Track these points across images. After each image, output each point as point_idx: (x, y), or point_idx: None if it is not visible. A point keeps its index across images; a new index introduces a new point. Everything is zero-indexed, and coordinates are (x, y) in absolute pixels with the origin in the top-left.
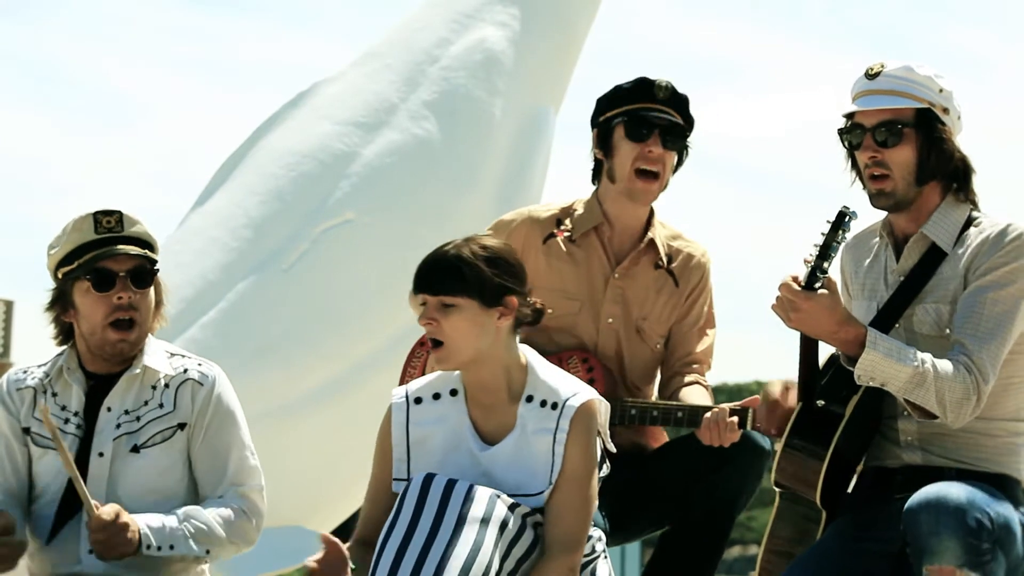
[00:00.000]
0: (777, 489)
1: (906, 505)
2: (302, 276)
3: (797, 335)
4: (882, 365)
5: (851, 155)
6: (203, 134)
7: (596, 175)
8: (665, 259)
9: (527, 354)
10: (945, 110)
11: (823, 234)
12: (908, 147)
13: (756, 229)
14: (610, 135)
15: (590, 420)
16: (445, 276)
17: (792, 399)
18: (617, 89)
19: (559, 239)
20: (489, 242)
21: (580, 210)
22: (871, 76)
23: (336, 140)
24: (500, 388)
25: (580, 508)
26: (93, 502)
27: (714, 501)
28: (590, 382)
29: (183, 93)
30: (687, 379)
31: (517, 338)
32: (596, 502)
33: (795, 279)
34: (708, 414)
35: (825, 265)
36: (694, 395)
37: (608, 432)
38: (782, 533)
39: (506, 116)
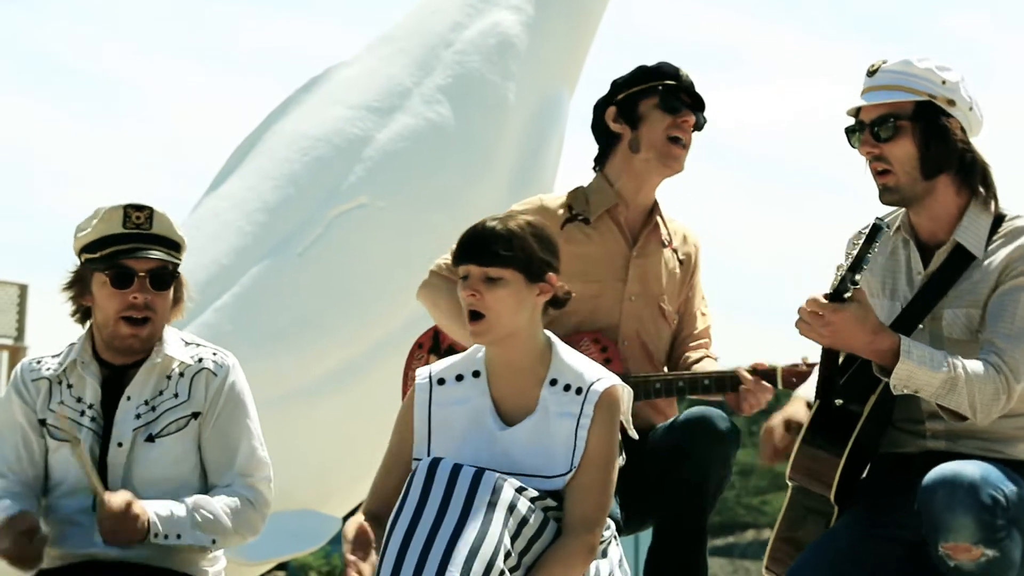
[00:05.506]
0: (790, 483)
1: (922, 483)
2: (316, 260)
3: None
4: (917, 374)
5: None
6: (203, 120)
7: (605, 155)
8: (668, 238)
9: (552, 337)
10: (951, 102)
11: (854, 243)
12: (906, 140)
13: (758, 216)
14: (635, 108)
15: (614, 406)
16: (495, 248)
17: (788, 438)
18: (643, 68)
19: (575, 224)
20: (531, 218)
21: (589, 193)
22: (871, 73)
23: (350, 124)
24: (524, 369)
25: (601, 490)
26: (105, 493)
27: (683, 493)
28: (605, 363)
29: (182, 79)
30: (696, 355)
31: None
32: (614, 485)
33: (823, 295)
34: (744, 386)
35: (857, 277)
36: (709, 368)
37: (630, 419)
38: (793, 522)
39: (520, 100)
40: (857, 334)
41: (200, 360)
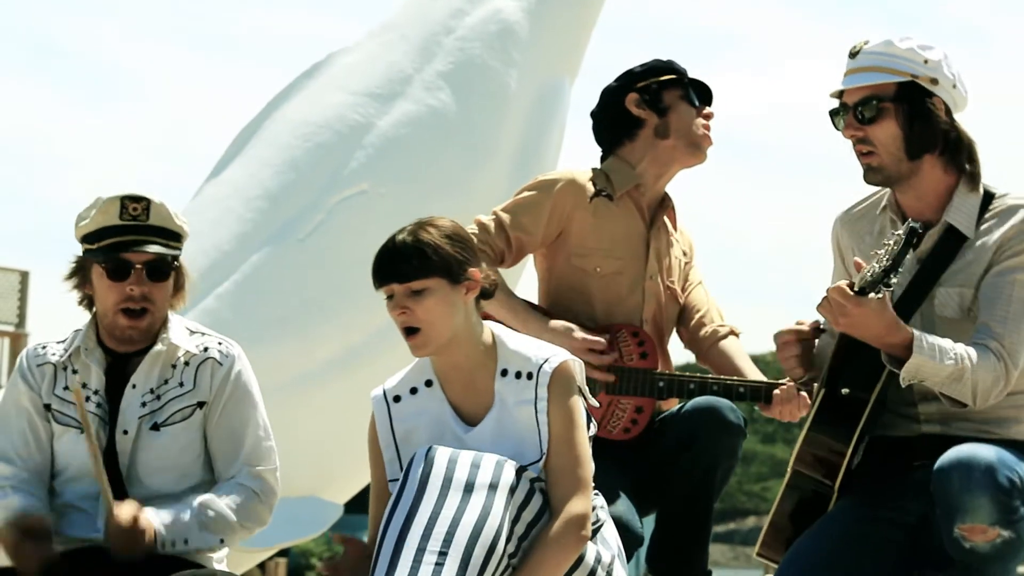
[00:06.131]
0: (790, 471)
1: (936, 465)
2: (317, 247)
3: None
4: (926, 366)
5: None
6: (203, 107)
7: (619, 140)
8: (672, 228)
9: (493, 328)
10: (934, 81)
11: (886, 244)
12: (890, 122)
13: (762, 201)
14: (660, 96)
15: (567, 382)
16: (411, 261)
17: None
18: (659, 61)
19: (601, 199)
20: (439, 221)
21: (609, 173)
22: (853, 54)
23: (351, 111)
24: (474, 367)
25: (575, 466)
26: (113, 504)
27: (689, 482)
28: (642, 356)
29: (182, 65)
30: (723, 330)
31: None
32: (590, 459)
33: (849, 285)
34: (778, 391)
35: (892, 280)
36: (738, 353)
37: (587, 388)
38: (789, 508)
39: (521, 87)
40: (873, 327)
41: (206, 349)
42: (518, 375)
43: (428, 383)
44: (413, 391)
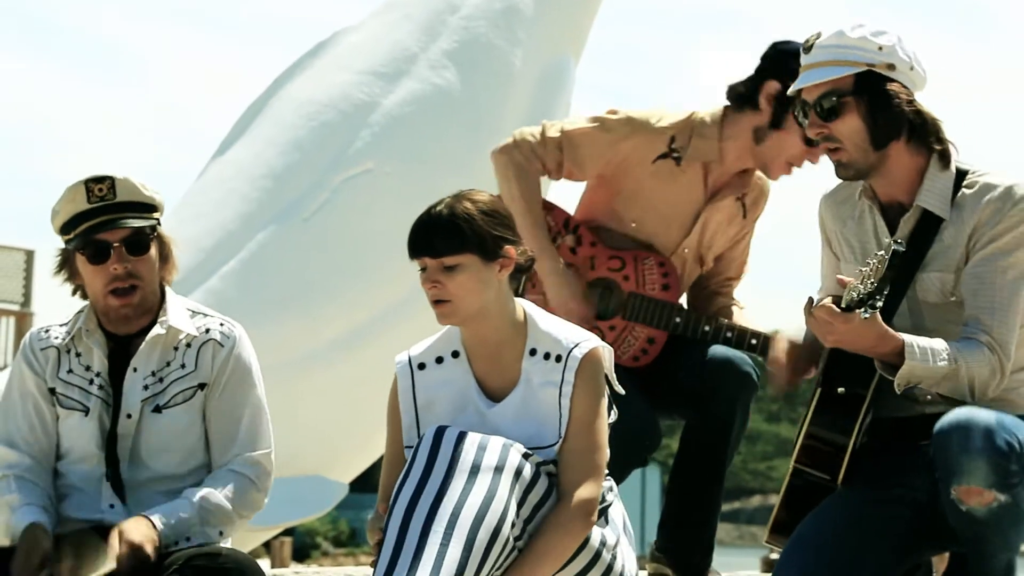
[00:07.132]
0: (791, 468)
1: (935, 427)
2: (322, 226)
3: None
4: (919, 371)
5: None
6: (206, 85)
7: (743, 103)
8: (744, 191)
9: (525, 307)
10: (891, 66)
11: (869, 261)
12: (852, 115)
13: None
14: (786, 110)
15: (595, 369)
16: (445, 236)
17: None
18: None
19: (667, 160)
20: (478, 196)
21: (695, 134)
22: (807, 49)
23: (356, 90)
24: (502, 343)
25: (591, 453)
26: (111, 546)
27: (706, 428)
28: (664, 288)
29: (184, 44)
30: (729, 300)
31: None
32: (606, 447)
33: (835, 301)
34: (771, 361)
35: (878, 302)
36: (742, 319)
37: (614, 376)
38: (792, 505)
39: (526, 66)
40: (861, 341)
41: (207, 331)
42: (547, 356)
43: (455, 354)
44: (439, 360)
